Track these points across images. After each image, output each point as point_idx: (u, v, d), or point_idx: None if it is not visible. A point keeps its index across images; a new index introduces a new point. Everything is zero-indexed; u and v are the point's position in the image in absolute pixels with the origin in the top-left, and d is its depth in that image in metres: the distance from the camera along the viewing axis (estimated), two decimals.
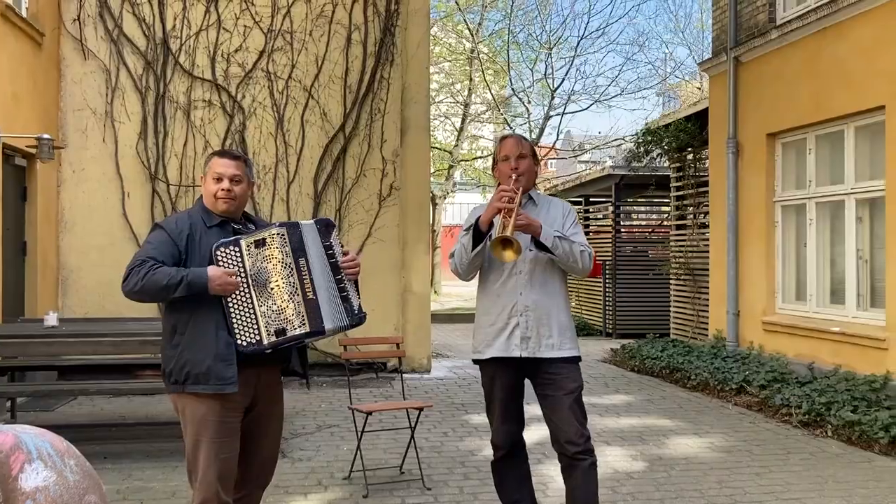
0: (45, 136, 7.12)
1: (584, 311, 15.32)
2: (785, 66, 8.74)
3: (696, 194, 11.35)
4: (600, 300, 14.45)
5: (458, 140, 22.40)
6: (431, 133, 11.75)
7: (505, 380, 3.85)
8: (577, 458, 3.71)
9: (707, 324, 10.46)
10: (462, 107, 22.19)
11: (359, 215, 9.46)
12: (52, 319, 6.26)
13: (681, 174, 11.64)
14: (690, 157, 11.50)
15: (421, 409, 5.44)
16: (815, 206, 8.48)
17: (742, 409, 7.77)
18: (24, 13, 8.09)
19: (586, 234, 16.09)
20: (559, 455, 3.80)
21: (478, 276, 3.95)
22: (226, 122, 9.29)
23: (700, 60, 12.44)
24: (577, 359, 3.85)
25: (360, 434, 5.24)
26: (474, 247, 3.73)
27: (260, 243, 3.33)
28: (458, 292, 24.24)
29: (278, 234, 3.34)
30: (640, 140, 12.17)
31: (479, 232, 3.72)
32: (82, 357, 6.83)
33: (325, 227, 3.50)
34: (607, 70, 48.93)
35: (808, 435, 6.70)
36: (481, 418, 7.32)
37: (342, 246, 3.55)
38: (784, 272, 9.03)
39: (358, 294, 3.54)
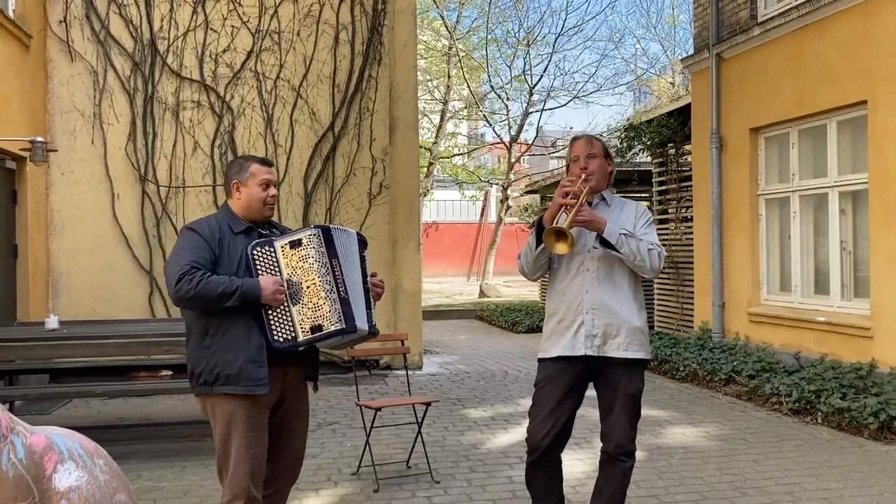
0: (39, 139, 7.11)
1: None
2: (767, 63, 8.93)
3: (679, 189, 11.51)
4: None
5: (437, 137, 22.47)
6: None
7: (564, 379, 3.78)
8: (619, 459, 3.75)
9: (692, 316, 10.64)
10: (441, 104, 22.25)
11: (349, 214, 9.52)
12: (52, 322, 6.28)
13: (663, 169, 11.81)
14: (672, 151, 11.67)
15: (428, 405, 5.53)
16: (799, 199, 8.67)
17: (732, 398, 7.94)
18: (11, 15, 8.05)
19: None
20: (603, 451, 3.82)
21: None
22: (215, 122, 9.30)
23: (671, 55, 12.59)
24: (645, 361, 3.81)
25: (368, 430, 5.31)
26: (538, 244, 3.72)
27: (296, 244, 3.41)
28: (438, 289, 24.33)
29: (315, 234, 3.41)
30: (623, 136, 12.33)
31: (542, 229, 3.71)
32: (83, 359, 6.84)
33: (362, 241, 3.69)
34: (584, 67, 49.13)
35: (799, 422, 6.88)
36: (479, 413, 7.45)
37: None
38: (768, 264, 9.23)
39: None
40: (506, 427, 6.85)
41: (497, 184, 24.56)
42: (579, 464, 5.59)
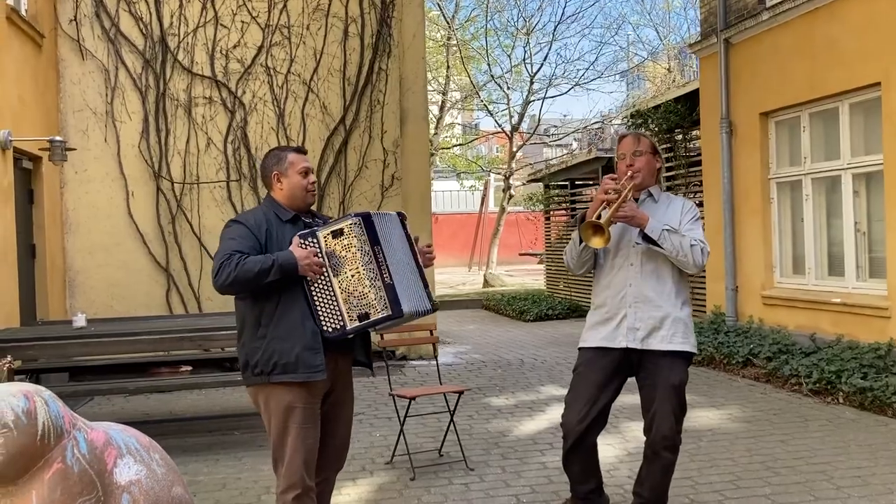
0: (58, 138, 7.12)
1: (573, 293, 15.54)
2: (777, 47, 8.96)
3: (687, 174, 11.57)
4: (591, 281, 14.61)
5: (436, 128, 22.49)
6: None
7: (601, 366, 3.82)
8: (664, 452, 3.78)
9: (703, 300, 10.70)
10: (441, 95, 22.26)
11: (362, 207, 9.54)
12: (80, 321, 6.31)
13: (671, 154, 11.85)
14: (680, 137, 11.72)
15: (461, 393, 5.58)
16: (811, 182, 8.73)
17: (750, 380, 8.01)
18: (24, 14, 8.05)
19: (573, 217, 16.34)
20: (647, 444, 3.85)
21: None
22: (227, 118, 9.31)
23: (666, 41, 12.62)
24: (689, 354, 3.83)
25: (403, 419, 5.36)
26: (582, 240, 3.76)
27: (338, 233, 3.44)
28: (441, 279, 24.36)
29: (356, 223, 3.45)
30: (630, 123, 12.36)
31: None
32: (107, 357, 6.87)
33: (403, 219, 3.69)
34: (584, 55, 49.18)
35: (821, 402, 6.95)
36: (501, 401, 7.51)
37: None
38: (781, 247, 9.28)
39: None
40: (531, 414, 6.91)
41: (499, 173, 24.58)
42: (609, 448, 5.65)
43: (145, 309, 8.86)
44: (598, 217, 3.73)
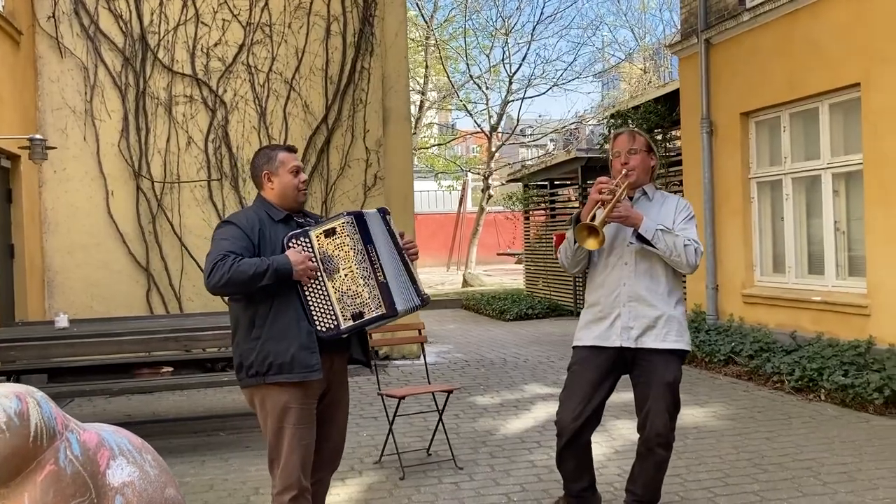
0: (38, 136, 7.02)
1: (553, 292, 15.58)
2: (757, 47, 9.04)
3: (667, 174, 11.64)
4: (570, 280, 14.71)
5: (415, 128, 22.46)
6: None
7: (595, 364, 3.84)
8: (658, 449, 3.79)
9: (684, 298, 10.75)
10: (419, 95, 22.25)
11: (345, 206, 9.50)
12: (63, 321, 6.24)
13: None
14: (660, 137, 11.79)
15: (450, 392, 5.57)
16: (792, 182, 8.81)
17: (732, 378, 8.08)
18: (1, 10, 7.93)
19: (552, 217, 16.39)
20: (640, 441, 3.86)
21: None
22: (208, 116, 9.24)
23: (641, 42, 12.70)
24: (682, 352, 3.85)
25: (392, 419, 5.35)
26: (576, 240, 3.76)
27: (330, 233, 3.43)
28: (420, 280, 24.30)
29: (347, 222, 3.44)
30: (610, 123, 12.42)
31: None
32: (89, 358, 6.79)
33: (385, 214, 3.64)
34: (563, 55, 49.40)
35: (803, 400, 7.02)
36: (486, 400, 7.51)
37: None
38: (761, 246, 9.37)
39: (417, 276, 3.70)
40: (516, 413, 6.92)
41: (478, 173, 24.61)
42: (597, 447, 5.63)
43: (125, 309, 8.77)
44: (593, 218, 3.73)
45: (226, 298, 3.65)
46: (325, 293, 3.40)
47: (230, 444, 6.12)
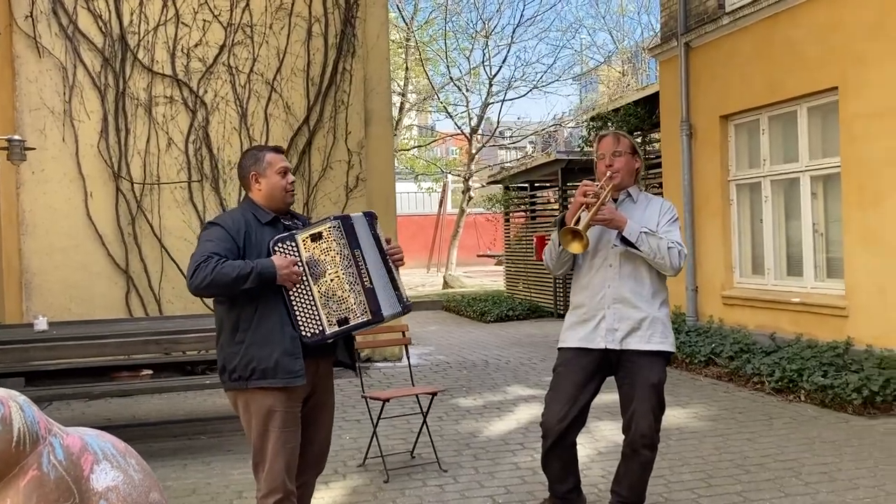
0: (16, 137, 6.95)
1: (533, 293, 15.62)
2: (737, 51, 9.12)
3: (647, 176, 11.70)
4: (550, 281, 14.76)
5: (395, 129, 22.45)
6: None
7: (581, 365, 3.85)
8: (643, 450, 3.81)
9: None
10: (399, 96, 22.23)
11: (326, 208, 9.48)
12: (42, 324, 6.17)
13: None
14: (640, 139, 11.85)
15: (434, 394, 5.57)
16: (770, 184, 8.89)
17: (713, 379, 8.14)
18: None
19: (532, 219, 16.44)
20: (625, 443, 3.88)
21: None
22: (188, 117, 9.17)
23: (619, 45, 12.77)
24: (667, 354, 3.86)
25: (376, 421, 5.34)
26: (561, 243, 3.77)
27: (316, 237, 3.41)
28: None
29: (334, 227, 3.42)
30: (590, 125, 12.47)
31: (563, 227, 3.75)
32: (67, 361, 6.72)
33: (372, 219, 3.61)
34: (543, 57, 49.54)
35: (783, 400, 7.08)
36: (469, 402, 7.52)
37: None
38: (741, 248, 9.45)
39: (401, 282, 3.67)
40: (499, 415, 6.92)
41: (458, 175, 24.63)
42: (581, 448, 5.65)
43: (104, 311, 8.68)
44: (577, 221, 3.74)
45: (210, 301, 3.63)
46: (311, 298, 3.38)
47: (212, 447, 6.08)
